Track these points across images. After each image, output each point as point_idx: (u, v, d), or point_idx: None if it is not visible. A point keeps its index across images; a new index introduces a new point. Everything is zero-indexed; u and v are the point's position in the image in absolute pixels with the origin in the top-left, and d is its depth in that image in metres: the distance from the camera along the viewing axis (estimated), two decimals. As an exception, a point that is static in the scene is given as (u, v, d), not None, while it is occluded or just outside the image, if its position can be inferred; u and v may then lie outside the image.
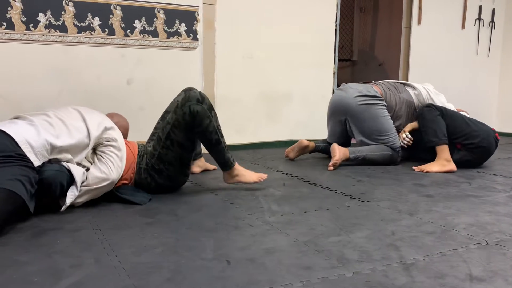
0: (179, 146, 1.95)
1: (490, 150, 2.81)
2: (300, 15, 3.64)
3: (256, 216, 1.72)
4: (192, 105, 1.90)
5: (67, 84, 2.79)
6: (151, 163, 1.98)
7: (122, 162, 1.89)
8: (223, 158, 2.04)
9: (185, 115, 1.90)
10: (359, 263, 1.28)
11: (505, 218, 1.74)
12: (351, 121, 2.90)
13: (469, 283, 1.16)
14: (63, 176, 1.70)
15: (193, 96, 1.93)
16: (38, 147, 1.66)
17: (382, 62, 5.39)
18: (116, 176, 1.85)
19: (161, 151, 1.96)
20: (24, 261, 1.27)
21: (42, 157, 1.68)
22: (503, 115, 5.03)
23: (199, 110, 1.91)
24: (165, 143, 1.95)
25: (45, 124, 1.74)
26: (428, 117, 2.76)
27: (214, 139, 1.98)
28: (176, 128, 1.93)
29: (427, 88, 3.05)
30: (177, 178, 2.04)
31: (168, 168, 1.97)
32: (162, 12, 3.04)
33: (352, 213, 1.80)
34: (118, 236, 1.49)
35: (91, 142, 1.82)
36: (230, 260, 1.28)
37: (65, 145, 1.74)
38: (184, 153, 1.98)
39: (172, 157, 1.96)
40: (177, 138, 1.94)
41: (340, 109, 2.94)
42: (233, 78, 3.41)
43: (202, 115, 1.91)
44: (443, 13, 4.49)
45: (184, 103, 1.92)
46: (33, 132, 1.68)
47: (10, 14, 2.58)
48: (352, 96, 2.86)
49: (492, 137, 2.78)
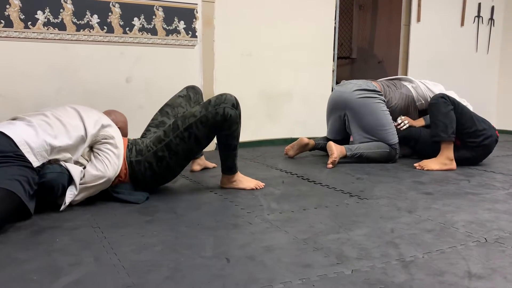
0: (195, 141, 1.94)
1: (490, 149, 2.80)
2: (299, 12, 3.63)
3: (255, 214, 1.72)
4: (227, 108, 1.92)
5: (66, 82, 2.79)
6: (153, 149, 1.94)
7: (119, 160, 1.88)
8: (232, 163, 2.08)
9: (217, 115, 1.91)
10: (358, 261, 1.28)
11: (504, 216, 1.75)
12: (349, 115, 2.90)
13: (468, 281, 1.16)
14: (64, 177, 1.71)
15: (229, 100, 1.95)
16: (37, 148, 1.66)
17: (382, 59, 5.39)
18: (112, 173, 1.84)
19: (173, 140, 1.93)
20: (23, 259, 1.27)
21: (42, 158, 1.68)
22: (502, 112, 5.03)
23: (232, 114, 1.93)
24: (183, 134, 1.92)
25: (43, 124, 1.74)
26: (442, 110, 2.65)
27: (234, 145, 2.02)
28: (201, 124, 1.92)
29: (424, 81, 3.08)
30: (174, 170, 2.01)
31: (172, 158, 1.95)
32: (161, 9, 3.03)
33: (351, 210, 1.80)
34: (117, 234, 1.49)
35: (87, 140, 1.82)
36: (229, 258, 1.29)
37: (64, 145, 1.74)
38: (196, 148, 1.98)
39: (181, 148, 1.94)
40: (198, 133, 1.93)
41: (339, 104, 2.94)
42: (232, 76, 3.40)
43: (233, 120, 1.94)
44: (442, 11, 4.48)
45: (219, 103, 1.93)
46: (31, 133, 1.68)
47: (9, 12, 2.58)
48: (351, 91, 2.87)
49: (494, 136, 2.77)
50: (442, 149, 2.69)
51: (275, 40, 3.56)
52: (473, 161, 2.83)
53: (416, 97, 3.01)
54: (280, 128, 3.68)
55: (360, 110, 2.84)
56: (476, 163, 2.85)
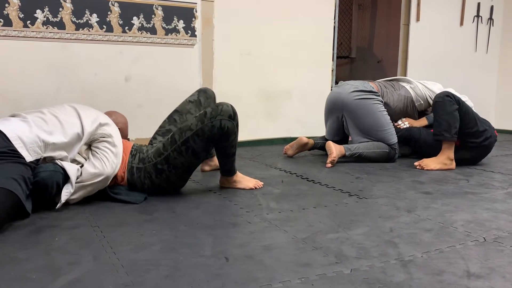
0: (193, 154, 1.90)
1: (489, 149, 2.80)
2: (298, 12, 3.63)
3: (254, 214, 1.72)
4: (224, 120, 1.88)
5: (65, 81, 2.79)
6: (153, 161, 1.93)
7: (117, 158, 1.88)
8: (230, 166, 2.07)
9: (214, 128, 1.87)
10: (357, 260, 1.28)
11: (503, 215, 1.75)
12: (347, 116, 2.90)
13: (467, 280, 1.16)
14: (58, 176, 1.71)
15: (226, 111, 1.88)
16: (30, 143, 1.66)
17: (381, 59, 5.38)
18: (110, 171, 1.83)
19: (172, 154, 1.90)
20: (22, 258, 1.27)
21: (35, 153, 1.68)
22: (501, 112, 5.04)
23: (229, 126, 1.89)
24: (180, 148, 1.89)
25: (38, 120, 1.75)
26: (447, 109, 2.61)
27: (231, 152, 2.00)
28: (198, 137, 1.88)
29: (422, 81, 3.09)
30: (174, 183, 1.98)
31: (171, 171, 1.92)
32: (160, 9, 3.03)
33: (350, 210, 1.80)
34: (116, 233, 1.49)
35: (84, 137, 1.82)
36: (228, 257, 1.29)
37: (58, 142, 1.74)
38: (195, 161, 1.94)
39: (180, 162, 1.91)
40: (195, 147, 1.89)
41: (337, 105, 2.94)
42: (231, 75, 3.40)
43: (230, 132, 1.91)
44: (441, 10, 4.49)
45: (215, 115, 1.87)
46: (25, 128, 1.69)
47: (8, 11, 2.57)
48: (348, 92, 2.86)
49: (494, 137, 2.77)
50: (443, 148, 2.68)
51: (274, 39, 3.56)
52: (472, 161, 2.84)
53: (415, 98, 3.01)
54: (279, 127, 3.68)
55: (358, 111, 2.84)
56: (475, 163, 2.86)
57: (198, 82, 3.23)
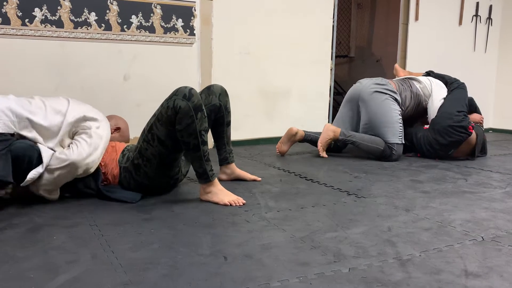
0: (159, 143, 1.80)
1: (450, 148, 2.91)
2: (297, 11, 3.63)
3: (253, 212, 1.72)
4: (177, 100, 1.75)
5: (63, 80, 2.78)
6: (131, 158, 1.89)
7: (93, 149, 1.81)
8: (200, 168, 1.82)
9: (168, 109, 1.76)
10: (355, 259, 1.28)
11: (501, 214, 1.75)
12: (361, 106, 2.98)
13: (465, 279, 1.16)
14: (33, 151, 1.71)
15: (181, 91, 1.77)
16: (1, 116, 1.70)
17: (380, 58, 5.39)
18: (76, 158, 1.76)
19: (142, 145, 1.84)
20: (20, 257, 1.27)
21: (5, 127, 1.70)
22: (499, 111, 5.04)
23: (182, 106, 1.74)
24: (147, 137, 1.83)
25: (23, 100, 1.78)
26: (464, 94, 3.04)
27: (192, 144, 1.77)
28: (158, 122, 1.80)
29: (430, 79, 3.17)
30: (155, 179, 1.89)
31: (146, 165, 1.85)
32: (159, 7, 3.03)
33: (349, 209, 1.80)
34: (114, 232, 1.49)
35: (63, 127, 1.82)
36: (227, 256, 1.29)
37: (35, 121, 1.76)
38: (164, 151, 1.82)
39: (151, 153, 1.82)
40: (158, 133, 1.80)
41: (354, 95, 3.04)
42: (230, 74, 3.40)
43: (184, 113, 1.73)
44: (440, 10, 4.49)
45: (171, 96, 1.79)
46: (1, 101, 1.73)
47: (6, 9, 2.56)
48: (367, 83, 2.98)
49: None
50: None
51: (273, 38, 3.55)
52: (430, 151, 2.95)
53: (423, 97, 3.08)
54: (278, 126, 3.67)
55: (370, 101, 2.90)
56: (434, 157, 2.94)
57: (197, 81, 3.23)
